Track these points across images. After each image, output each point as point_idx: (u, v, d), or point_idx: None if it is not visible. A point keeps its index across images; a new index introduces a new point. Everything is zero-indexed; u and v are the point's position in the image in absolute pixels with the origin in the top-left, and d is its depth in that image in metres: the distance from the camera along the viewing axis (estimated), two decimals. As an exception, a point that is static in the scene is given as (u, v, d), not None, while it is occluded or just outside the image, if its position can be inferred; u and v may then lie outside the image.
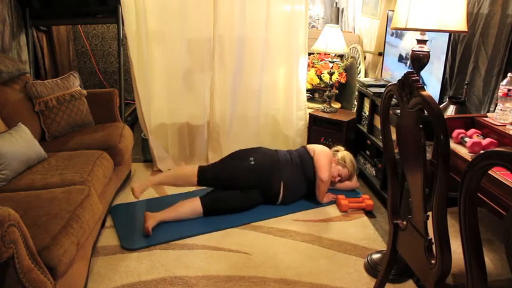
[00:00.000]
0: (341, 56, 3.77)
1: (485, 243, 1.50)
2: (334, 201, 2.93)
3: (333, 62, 3.53)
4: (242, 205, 2.74)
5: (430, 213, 1.39)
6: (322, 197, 2.88)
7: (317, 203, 2.90)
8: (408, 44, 2.80)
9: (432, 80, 2.54)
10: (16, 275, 1.46)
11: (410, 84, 1.38)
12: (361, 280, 2.15)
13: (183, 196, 2.83)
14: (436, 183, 1.30)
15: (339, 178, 2.99)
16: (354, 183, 3.10)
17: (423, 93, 1.32)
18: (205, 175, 2.71)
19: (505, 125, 1.88)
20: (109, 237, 2.45)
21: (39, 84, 2.82)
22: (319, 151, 2.90)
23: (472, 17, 2.35)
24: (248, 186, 2.73)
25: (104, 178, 2.44)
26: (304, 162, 2.87)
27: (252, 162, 2.74)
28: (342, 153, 3.01)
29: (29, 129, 2.44)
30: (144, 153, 3.54)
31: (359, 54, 3.68)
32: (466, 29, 2.07)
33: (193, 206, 2.62)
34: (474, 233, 1.14)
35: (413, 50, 2.22)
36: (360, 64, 3.66)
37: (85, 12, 3.59)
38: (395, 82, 1.48)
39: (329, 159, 2.87)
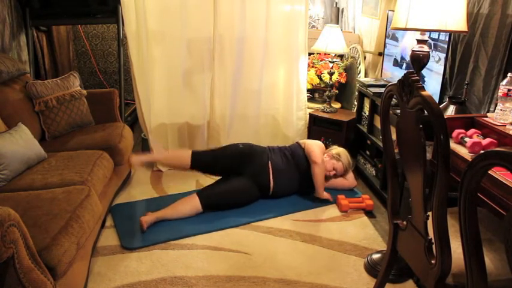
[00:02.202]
0: (341, 56, 3.77)
1: (485, 243, 1.50)
2: (332, 202, 2.92)
3: (333, 62, 3.53)
4: (240, 199, 2.77)
5: (430, 213, 1.39)
6: (320, 183, 2.86)
7: (317, 203, 2.90)
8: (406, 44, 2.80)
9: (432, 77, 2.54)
10: (16, 275, 1.46)
11: (410, 84, 1.38)
12: (361, 280, 2.15)
13: (183, 196, 2.83)
14: (436, 183, 1.30)
15: (334, 172, 3.00)
16: (351, 181, 3.10)
17: (423, 93, 1.32)
18: (198, 157, 2.84)
19: (505, 125, 1.88)
20: (109, 237, 2.45)
21: (39, 84, 2.82)
22: (310, 141, 3.01)
23: (472, 17, 2.35)
24: (237, 166, 2.81)
25: (104, 178, 2.44)
26: (295, 155, 2.93)
27: (241, 146, 2.92)
28: (337, 149, 3.06)
29: (29, 129, 2.44)
30: (144, 153, 3.53)
31: (359, 54, 3.68)
32: (466, 29, 2.07)
33: (192, 202, 2.63)
34: (474, 233, 1.14)
35: (413, 50, 2.22)
36: (360, 64, 3.66)
37: (85, 12, 3.59)
38: (395, 82, 1.48)
39: (320, 148, 2.94)
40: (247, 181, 2.78)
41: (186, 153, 2.85)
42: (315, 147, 2.92)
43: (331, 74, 3.54)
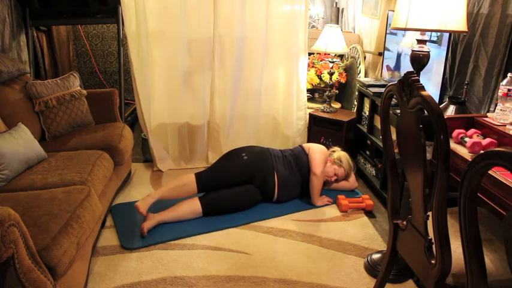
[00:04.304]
0: (341, 56, 3.77)
1: (485, 243, 1.50)
2: (332, 202, 2.93)
3: (333, 62, 3.53)
4: (241, 204, 2.74)
5: (430, 213, 1.39)
6: (316, 194, 2.86)
7: (317, 203, 2.90)
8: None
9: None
10: (16, 275, 1.46)
11: (410, 84, 1.38)
12: (361, 280, 2.15)
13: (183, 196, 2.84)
14: (436, 183, 1.30)
15: (335, 178, 2.99)
16: (352, 183, 3.10)
17: (423, 93, 1.32)
18: (204, 181, 2.70)
19: (505, 125, 1.88)
20: (109, 237, 2.45)
21: (39, 84, 2.82)
22: (314, 147, 2.93)
23: (472, 17, 2.35)
24: (245, 180, 2.75)
25: (104, 178, 2.44)
26: (299, 160, 2.89)
27: (245, 157, 2.78)
28: (338, 153, 3.02)
29: (29, 129, 2.44)
30: (144, 153, 3.54)
31: (359, 54, 3.68)
32: (466, 29, 2.07)
33: (193, 206, 2.62)
34: (474, 233, 1.14)
35: (413, 50, 2.22)
36: (360, 64, 3.66)
37: (85, 12, 3.59)
38: (395, 82, 1.49)
39: (324, 156, 2.88)
40: (252, 190, 2.76)
41: (189, 179, 2.69)
42: (318, 155, 2.85)
43: (331, 74, 3.54)
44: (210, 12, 3.21)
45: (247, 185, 2.75)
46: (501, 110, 1.90)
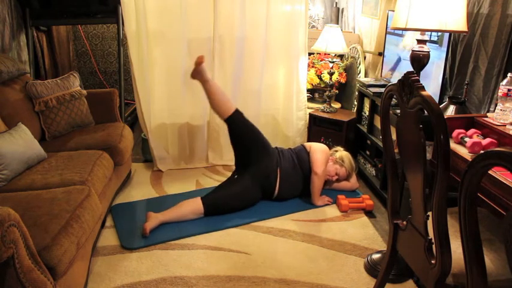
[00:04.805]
0: (341, 56, 3.77)
1: (485, 243, 1.50)
2: (332, 202, 2.92)
3: (333, 62, 3.53)
4: (243, 203, 2.75)
5: (430, 213, 1.39)
6: (316, 193, 2.86)
7: (317, 203, 2.90)
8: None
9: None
10: (16, 275, 1.46)
11: (410, 84, 1.38)
12: (361, 280, 2.15)
13: (183, 196, 2.84)
14: (436, 183, 1.30)
15: (336, 177, 2.99)
16: (353, 183, 3.10)
17: (423, 93, 1.32)
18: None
19: (505, 125, 1.88)
20: (109, 237, 2.45)
21: (39, 84, 2.82)
22: (316, 147, 2.94)
23: (472, 17, 2.35)
24: (250, 160, 2.78)
25: (104, 178, 2.44)
26: (300, 158, 2.89)
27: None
28: (341, 153, 3.02)
29: (29, 129, 2.44)
30: (144, 153, 3.54)
31: (359, 54, 3.68)
32: (466, 29, 2.07)
33: (194, 207, 2.62)
34: (474, 233, 1.14)
35: (413, 50, 2.22)
36: (360, 64, 3.66)
37: (85, 12, 3.59)
38: (395, 82, 1.49)
39: (325, 155, 2.88)
40: (252, 184, 2.76)
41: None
42: (319, 155, 2.86)
43: (331, 74, 3.54)
44: (210, 12, 3.21)
45: (247, 177, 2.75)
46: (501, 110, 1.90)
